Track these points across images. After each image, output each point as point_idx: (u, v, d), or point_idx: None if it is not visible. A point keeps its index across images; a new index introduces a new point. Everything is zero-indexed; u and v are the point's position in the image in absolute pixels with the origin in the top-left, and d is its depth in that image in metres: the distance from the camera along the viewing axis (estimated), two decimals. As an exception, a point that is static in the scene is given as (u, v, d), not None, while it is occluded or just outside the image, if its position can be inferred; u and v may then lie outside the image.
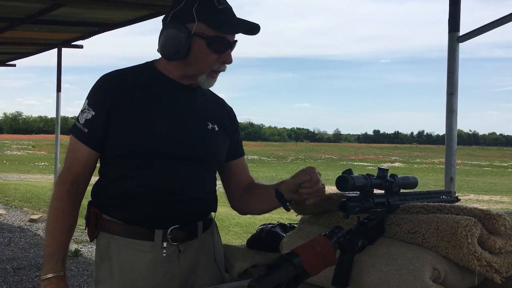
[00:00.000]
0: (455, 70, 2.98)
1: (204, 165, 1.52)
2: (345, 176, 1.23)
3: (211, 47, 1.42)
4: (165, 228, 1.45)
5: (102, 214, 1.47)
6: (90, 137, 1.43)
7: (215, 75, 1.47)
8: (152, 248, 1.44)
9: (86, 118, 1.43)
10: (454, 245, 1.19)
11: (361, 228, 1.30)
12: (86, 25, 6.29)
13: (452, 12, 2.98)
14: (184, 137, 1.47)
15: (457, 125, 3.03)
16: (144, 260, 1.44)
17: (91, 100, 1.45)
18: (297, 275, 1.11)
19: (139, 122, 1.42)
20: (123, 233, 1.45)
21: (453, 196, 1.55)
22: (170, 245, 1.45)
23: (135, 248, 1.44)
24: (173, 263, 1.46)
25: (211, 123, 1.54)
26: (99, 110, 1.43)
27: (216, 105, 1.62)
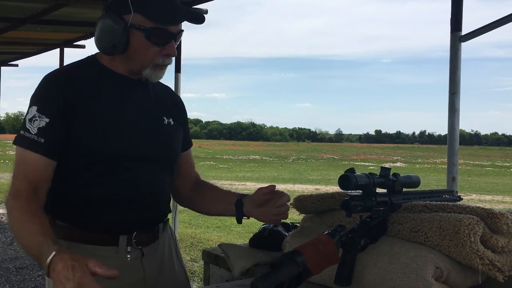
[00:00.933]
0: (457, 69, 2.98)
1: (164, 164, 1.47)
2: (347, 175, 1.23)
3: (150, 40, 1.32)
4: (130, 233, 1.39)
5: (56, 221, 1.37)
6: (48, 146, 1.29)
7: (162, 68, 1.38)
8: (116, 253, 1.38)
9: (39, 127, 1.29)
10: (456, 244, 1.19)
11: (364, 227, 1.30)
12: (88, 25, 6.31)
13: (454, 11, 2.98)
14: (142, 137, 1.40)
15: (459, 125, 3.03)
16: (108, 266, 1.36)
17: (41, 106, 1.31)
18: (300, 274, 1.11)
19: (94, 125, 1.33)
20: (84, 239, 1.36)
21: (455, 195, 1.55)
22: (134, 249, 1.40)
23: (98, 254, 1.32)
24: (137, 268, 1.41)
25: (166, 118, 1.48)
26: (53, 116, 1.30)
27: (167, 96, 1.54)
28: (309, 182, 18.10)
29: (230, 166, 26.54)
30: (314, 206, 1.55)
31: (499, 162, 40.57)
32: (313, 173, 23.08)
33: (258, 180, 18.00)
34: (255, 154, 39.25)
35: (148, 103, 1.45)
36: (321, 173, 23.57)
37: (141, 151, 1.39)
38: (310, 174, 22.40)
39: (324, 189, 15.84)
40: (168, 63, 1.39)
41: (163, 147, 1.45)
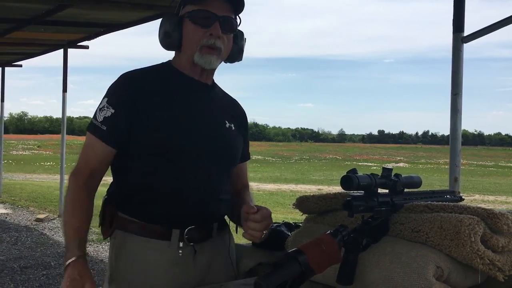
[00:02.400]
0: (459, 70, 2.99)
1: (224, 163, 1.52)
2: (349, 176, 1.25)
3: (196, 22, 1.43)
4: (182, 228, 1.44)
5: (118, 212, 1.46)
6: (109, 134, 1.42)
7: (209, 51, 1.45)
8: (168, 247, 1.43)
9: (105, 116, 1.42)
10: (457, 244, 1.20)
11: (366, 227, 1.31)
12: (92, 25, 6.34)
13: (456, 12, 2.99)
14: (205, 134, 1.47)
15: (462, 125, 3.04)
16: (160, 260, 1.43)
17: (111, 98, 1.44)
18: (302, 273, 1.13)
19: (159, 120, 1.42)
20: (139, 231, 1.44)
21: (457, 196, 1.56)
22: (186, 245, 1.45)
23: (151, 247, 1.43)
24: (188, 263, 1.46)
25: (228, 122, 1.55)
26: (119, 108, 1.42)
27: (231, 105, 1.63)
28: (312, 182, 18.10)
29: (233, 166, 26.47)
30: (317, 206, 1.56)
31: (503, 163, 40.47)
32: (315, 173, 23.09)
33: (260, 181, 18.02)
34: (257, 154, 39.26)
35: (212, 104, 1.54)
36: (323, 173, 23.57)
37: (201, 148, 1.45)
38: (312, 174, 22.42)
39: (327, 189, 15.84)
40: (214, 43, 1.44)
41: (222, 147, 1.51)
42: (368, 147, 68.18)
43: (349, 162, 35.53)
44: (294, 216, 9.80)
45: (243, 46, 1.57)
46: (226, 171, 1.54)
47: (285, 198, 12.87)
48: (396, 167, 32.18)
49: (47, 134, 68.92)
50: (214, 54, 1.46)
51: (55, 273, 4.79)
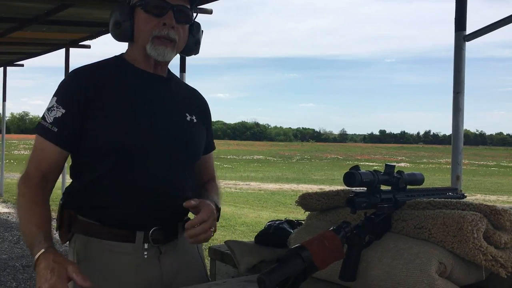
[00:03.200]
0: (461, 69, 2.98)
1: (186, 160, 1.46)
2: (352, 172, 1.25)
3: (148, 11, 1.37)
4: (146, 230, 1.38)
5: (78, 216, 1.39)
6: (60, 136, 1.34)
7: (163, 42, 1.38)
8: (133, 250, 1.37)
9: (55, 116, 1.34)
10: (460, 240, 1.21)
11: (368, 223, 1.32)
12: (94, 25, 6.34)
13: (458, 11, 2.98)
14: (164, 131, 1.40)
15: (464, 124, 3.04)
16: (125, 263, 1.37)
17: (61, 97, 1.36)
18: (305, 269, 1.13)
19: (115, 118, 1.35)
20: (102, 235, 1.37)
21: (459, 193, 1.57)
22: (151, 247, 1.39)
23: (115, 251, 1.37)
24: (154, 265, 1.40)
25: (189, 114, 1.48)
26: (69, 108, 1.34)
27: (191, 96, 1.56)
28: (314, 182, 18.09)
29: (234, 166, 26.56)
30: (319, 203, 1.57)
31: (504, 162, 40.41)
32: (317, 173, 23.08)
33: (262, 180, 18.03)
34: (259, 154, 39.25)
35: (170, 98, 1.47)
36: (325, 173, 23.55)
37: (159, 144, 1.39)
38: (314, 174, 22.41)
39: (328, 189, 15.71)
40: (167, 34, 1.38)
41: (183, 142, 1.44)
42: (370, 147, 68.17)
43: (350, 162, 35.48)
44: (295, 215, 9.79)
45: (200, 38, 1.50)
46: (189, 166, 1.48)
47: (286, 197, 12.88)
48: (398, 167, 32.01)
49: (49, 134, 68.67)
50: (169, 46, 1.39)
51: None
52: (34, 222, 1.27)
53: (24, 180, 1.34)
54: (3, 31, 6.45)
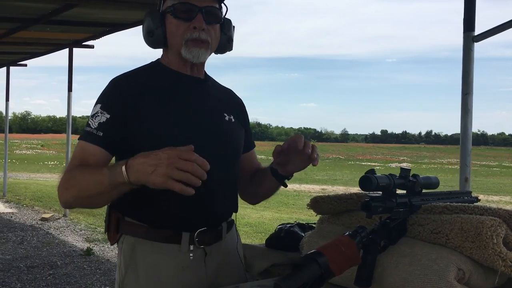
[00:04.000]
0: (470, 70, 2.96)
1: (228, 158, 1.48)
2: (369, 176, 1.23)
3: (177, 17, 1.40)
4: (192, 231, 1.40)
5: (125, 217, 1.42)
6: (105, 139, 1.36)
7: (196, 43, 1.41)
8: (179, 251, 1.40)
9: (100, 122, 1.36)
10: (479, 246, 1.19)
11: (384, 228, 1.30)
12: (98, 25, 6.33)
13: (467, 11, 2.96)
14: (205, 131, 1.43)
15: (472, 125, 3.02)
16: (171, 264, 1.40)
17: (104, 104, 1.39)
18: (322, 275, 1.11)
19: (156, 121, 1.37)
20: (148, 236, 1.39)
21: (473, 197, 1.55)
22: (197, 248, 1.41)
23: (161, 252, 1.39)
24: (199, 267, 1.42)
25: (227, 114, 1.51)
26: (114, 113, 1.37)
27: (227, 96, 1.59)
28: (316, 182, 18.08)
29: (236, 166, 26.48)
30: (332, 207, 1.55)
31: (507, 163, 40.37)
32: (319, 173, 23.06)
33: (264, 180, 17.97)
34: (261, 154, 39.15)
35: (208, 99, 1.49)
36: (327, 173, 23.55)
37: (202, 145, 1.37)
38: (316, 174, 22.38)
39: (330, 189, 15.86)
40: (198, 36, 1.40)
41: (225, 142, 1.47)
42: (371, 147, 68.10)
43: (352, 162, 35.48)
44: (298, 215, 9.77)
45: (232, 35, 1.53)
46: (231, 166, 1.51)
47: (288, 198, 12.86)
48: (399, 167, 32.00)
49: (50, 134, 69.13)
50: (202, 46, 1.42)
51: (62, 273, 4.79)
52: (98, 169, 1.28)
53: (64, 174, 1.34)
54: (7, 31, 6.45)
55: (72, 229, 6.99)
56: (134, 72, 1.49)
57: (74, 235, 6.61)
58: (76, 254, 5.53)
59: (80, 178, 1.30)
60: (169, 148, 1.19)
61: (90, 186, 1.27)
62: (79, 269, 4.90)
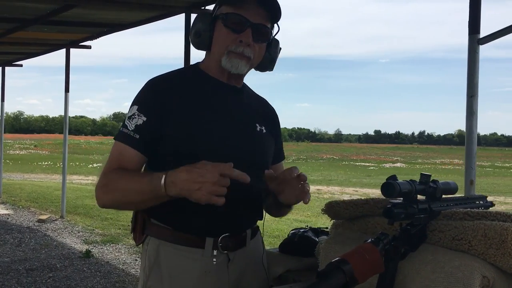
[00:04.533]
0: (475, 72, 2.96)
1: (255, 169, 1.46)
2: (391, 183, 1.22)
3: (227, 25, 1.39)
4: (216, 236, 1.41)
5: (151, 219, 1.43)
6: (142, 142, 1.37)
7: (238, 56, 1.41)
8: (202, 256, 1.40)
9: (137, 124, 1.37)
10: (503, 253, 1.18)
11: (405, 234, 1.29)
12: (96, 25, 6.29)
13: (472, 14, 2.96)
14: (236, 139, 1.44)
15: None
16: (194, 268, 1.40)
17: (141, 106, 1.39)
18: (347, 283, 1.11)
19: (190, 126, 1.39)
20: (173, 239, 1.40)
21: (488, 202, 1.54)
22: (220, 254, 1.42)
23: (185, 256, 1.40)
24: (222, 272, 1.43)
25: (259, 125, 1.52)
26: (151, 116, 1.38)
27: (261, 106, 1.59)
28: (311, 183, 17.70)
29: (231, 166, 26.45)
30: (347, 212, 1.53)
31: (499, 163, 40.61)
32: (314, 174, 23.07)
33: (260, 181, 17.96)
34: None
35: (241, 108, 1.50)
36: (322, 174, 23.57)
37: (233, 154, 1.40)
38: (311, 175, 22.38)
39: (325, 189, 15.86)
40: (242, 51, 1.40)
41: (254, 152, 1.48)
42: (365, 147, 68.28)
43: (346, 162, 35.55)
44: (296, 216, 9.76)
45: (276, 56, 1.53)
46: (259, 176, 1.50)
47: (285, 198, 12.82)
48: (393, 167, 32.20)
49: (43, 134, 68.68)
50: (243, 59, 1.42)
51: (62, 276, 4.75)
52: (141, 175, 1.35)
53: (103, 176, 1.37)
54: (5, 31, 6.39)
55: (69, 230, 6.94)
56: (172, 74, 1.49)
57: (72, 237, 6.56)
58: (75, 256, 5.49)
59: (120, 184, 1.34)
60: (211, 165, 1.23)
61: (132, 195, 1.32)
62: (78, 271, 4.86)
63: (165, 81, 1.46)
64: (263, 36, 1.44)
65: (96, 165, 23.32)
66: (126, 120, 1.41)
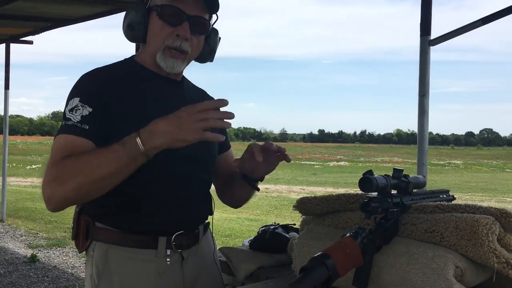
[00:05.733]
0: (426, 72, 3.09)
1: (204, 162, 1.45)
2: (369, 177, 1.24)
3: (163, 18, 1.32)
4: (169, 235, 1.36)
5: (95, 223, 1.35)
6: (92, 131, 1.26)
7: (174, 54, 1.35)
8: (156, 256, 1.35)
9: (83, 115, 1.26)
10: (475, 244, 1.23)
11: (380, 228, 1.32)
12: (38, 19, 6.02)
13: (423, 16, 3.09)
14: None
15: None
16: (147, 270, 1.35)
17: (83, 97, 1.28)
18: (329, 277, 1.12)
19: (131, 123, 1.27)
20: (122, 242, 1.33)
21: (450, 195, 1.61)
22: (174, 253, 1.37)
23: (137, 258, 1.34)
24: (177, 272, 1.39)
25: None
26: (96, 106, 1.27)
27: (201, 98, 1.52)
28: (259, 182, 18.17)
29: (178, 166, 26.15)
30: (319, 208, 1.55)
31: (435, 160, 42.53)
32: (261, 173, 23.18)
33: (207, 180, 17.86)
34: (201, 154, 38.91)
35: (183, 102, 1.39)
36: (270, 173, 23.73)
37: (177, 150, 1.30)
38: (258, 174, 22.49)
39: (273, 188, 16.02)
40: (179, 46, 1.34)
41: (199, 145, 1.38)
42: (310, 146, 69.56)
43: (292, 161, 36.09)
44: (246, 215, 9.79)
45: (216, 47, 1.49)
46: (207, 169, 1.48)
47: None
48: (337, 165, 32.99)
49: (-24, 134, 64.97)
50: (179, 58, 1.36)
51: (6, 282, 4.51)
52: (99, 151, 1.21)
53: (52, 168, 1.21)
54: None
55: (11, 235, 6.62)
56: (109, 67, 1.41)
57: (15, 241, 6.26)
58: (19, 261, 5.24)
59: (82, 164, 1.18)
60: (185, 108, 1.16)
61: (102, 168, 1.17)
62: (24, 277, 4.64)
63: (104, 72, 1.38)
64: (201, 28, 1.38)
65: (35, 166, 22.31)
66: (67, 113, 1.27)
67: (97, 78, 1.35)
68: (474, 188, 16.19)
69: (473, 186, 16.95)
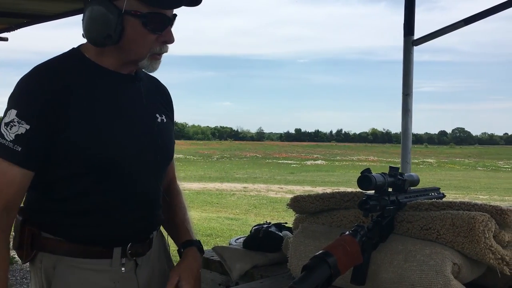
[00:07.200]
0: (410, 72, 3.14)
1: (160, 166, 1.38)
2: (368, 176, 1.25)
3: (147, 27, 1.21)
4: (124, 244, 1.31)
5: (42, 233, 1.27)
6: (25, 156, 1.17)
7: (158, 56, 1.28)
8: (110, 266, 1.30)
9: (17, 133, 1.16)
10: (471, 240, 1.25)
11: (377, 226, 1.33)
12: (14, 16, 5.87)
13: (407, 17, 3.13)
14: (136, 138, 1.30)
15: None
16: (101, 280, 1.29)
17: (22, 109, 1.17)
18: (331, 275, 1.12)
19: (85, 126, 1.21)
20: (74, 253, 1.26)
21: (441, 193, 1.63)
22: (129, 261, 1.32)
23: (89, 268, 1.28)
24: (131, 279, 1.34)
25: (159, 115, 1.38)
26: (35, 122, 1.17)
27: (156, 89, 1.44)
28: (237, 181, 18.17)
29: (155, 165, 25.93)
30: (313, 206, 1.56)
31: (410, 159, 43.14)
32: (239, 172, 23.22)
33: (185, 179, 17.80)
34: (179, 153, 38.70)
35: (140, 100, 1.34)
36: (247, 171, 23.75)
37: (136, 155, 1.29)
38: (236, 173, 22.52)
39: (252, 187, 16.04)
40: (165, 51, 1.29)
41: (157, 148, 1.34)
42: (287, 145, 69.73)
43: (269, 160, 36.11)
44: (224, 214, 9.78)
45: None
46: (163, 172, 1.41)
47: (212, 196, 12.82)
48: (314, 164, 33.21)
49: None
50: (160, 59, 1.30)
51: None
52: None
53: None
54: None
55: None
56: (52, 61, 1.27)
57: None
58: (-5, 263, 5.07)
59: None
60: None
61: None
62: (2, 279, 4.51)
63: (46, 70, 1.24)
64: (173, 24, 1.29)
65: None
66: (2, 127, 1.17)
67: (41, 79, 1.21)
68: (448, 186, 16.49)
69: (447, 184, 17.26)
